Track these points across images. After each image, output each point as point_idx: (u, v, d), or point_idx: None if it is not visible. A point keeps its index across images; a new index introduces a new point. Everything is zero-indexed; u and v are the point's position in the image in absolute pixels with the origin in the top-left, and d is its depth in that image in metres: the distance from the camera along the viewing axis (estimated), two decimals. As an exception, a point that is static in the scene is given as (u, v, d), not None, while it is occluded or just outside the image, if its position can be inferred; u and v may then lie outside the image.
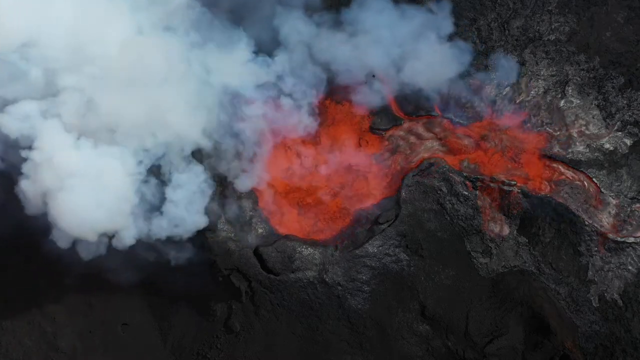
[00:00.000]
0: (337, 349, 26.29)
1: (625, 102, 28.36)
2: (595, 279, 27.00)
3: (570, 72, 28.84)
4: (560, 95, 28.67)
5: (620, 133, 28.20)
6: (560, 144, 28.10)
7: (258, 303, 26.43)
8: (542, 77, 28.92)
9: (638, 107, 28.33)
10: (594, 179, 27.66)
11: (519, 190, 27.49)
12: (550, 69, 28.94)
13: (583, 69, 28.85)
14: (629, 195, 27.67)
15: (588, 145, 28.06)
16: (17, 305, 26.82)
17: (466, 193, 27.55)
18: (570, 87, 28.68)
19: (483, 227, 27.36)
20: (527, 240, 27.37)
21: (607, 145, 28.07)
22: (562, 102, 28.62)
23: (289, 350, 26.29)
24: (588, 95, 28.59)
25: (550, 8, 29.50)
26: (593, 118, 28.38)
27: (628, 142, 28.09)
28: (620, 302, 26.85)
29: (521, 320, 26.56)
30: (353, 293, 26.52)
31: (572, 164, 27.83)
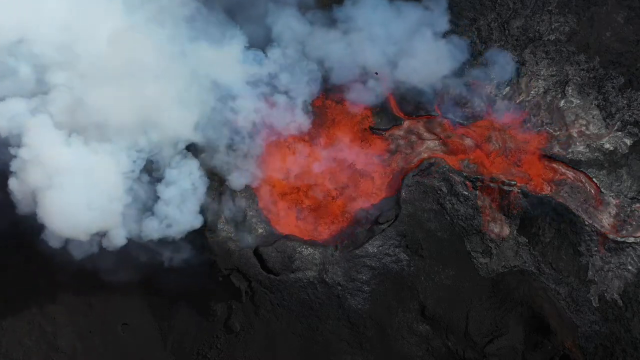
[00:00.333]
0: (337, 349, 26.27)
1: (625, 102, 28.36)
2: (595, 279, 26.99)
3: (570, 72, 28.84)
4: (560, 95, 28.66)
5: (620, 133, 28.19)
6: (560, 144, 28.09)
7: (258, 303, 26.41)
8: (542, 77, 28.91)
9: (638, 107, 28.33)
10: (594, 179, 27.65)
11: (519, 190, 27.47)
12: (550, 69, 28.94)
13: (583, 69, 28.85)
14: (629, 195, 27.66)
15: (588, 145, 28.05)
16: (17, 305, 26.82)
17: (466, 193, 27.53)
18: (570, 87, 28.68)
19: (483, 227, 27.34)
20: (527, 240, 27.35)
21: (607, 145, 28.06)
22: (562, 102, 28.61)
23: (289, 350, 26.27)
24: (588, 95, 28.59)
25: (550, 8, 29.51)
26: (593, 118, 28.38)
27: (628, 142, 28.08)
28: (620, 302, 26.83)
29: (521, 320, 26.54)
30: (353, 293, 26.51)
31: (572, 164, 27.82)
